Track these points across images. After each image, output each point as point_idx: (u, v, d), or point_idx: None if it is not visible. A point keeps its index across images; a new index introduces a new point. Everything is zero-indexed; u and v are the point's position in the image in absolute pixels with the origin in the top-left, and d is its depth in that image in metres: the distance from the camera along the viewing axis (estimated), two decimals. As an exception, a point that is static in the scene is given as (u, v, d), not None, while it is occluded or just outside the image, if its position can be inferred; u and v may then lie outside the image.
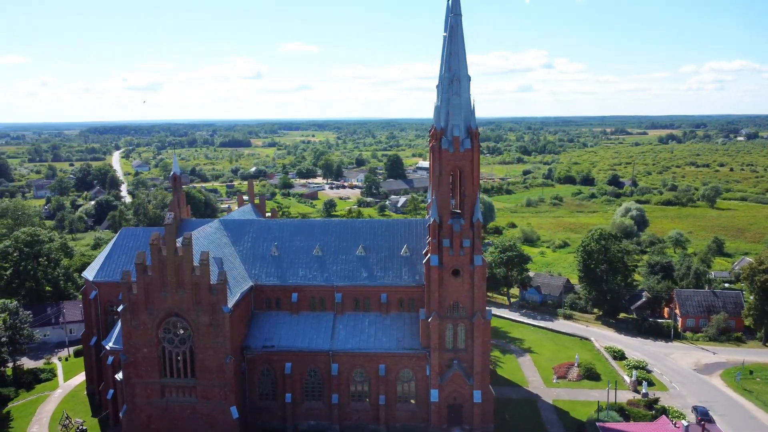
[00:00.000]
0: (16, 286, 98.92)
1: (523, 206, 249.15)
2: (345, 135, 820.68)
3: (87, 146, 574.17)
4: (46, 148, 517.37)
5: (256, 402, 67.21)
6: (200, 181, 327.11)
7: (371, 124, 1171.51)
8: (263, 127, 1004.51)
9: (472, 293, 63.38)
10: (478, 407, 64.21)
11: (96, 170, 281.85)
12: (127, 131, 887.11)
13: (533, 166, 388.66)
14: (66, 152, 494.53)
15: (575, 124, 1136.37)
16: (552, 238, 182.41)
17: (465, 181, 62.76)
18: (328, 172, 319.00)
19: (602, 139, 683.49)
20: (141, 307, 60.80)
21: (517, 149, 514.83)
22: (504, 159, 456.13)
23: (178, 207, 74.94)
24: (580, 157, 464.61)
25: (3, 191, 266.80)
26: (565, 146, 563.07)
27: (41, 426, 68.44)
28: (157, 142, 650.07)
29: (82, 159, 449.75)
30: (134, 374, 62.08)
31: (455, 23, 62.08)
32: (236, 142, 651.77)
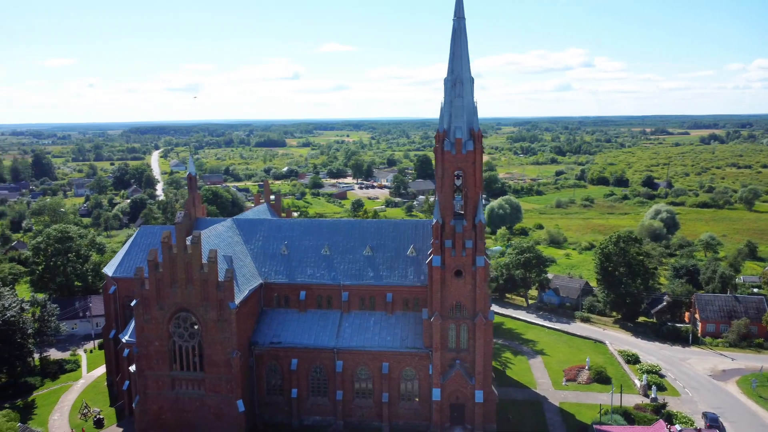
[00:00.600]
0: (47, 281, 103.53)
1: (552, 207, 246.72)
2: (379, 135, 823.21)
3: (128, 146, 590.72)
4: (89, 147, 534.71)
5: (263, 396, 69.12)
6: (234, 181, 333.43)
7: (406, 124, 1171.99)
8: (299, 127, 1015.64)
9: (474, 294, 63.94)
10: (480, 407, 64.69)
11: (133, 170, 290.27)
12: (167, 131, 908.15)
13: (566, 167, 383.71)
14: (107, 152, 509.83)
15: (614, 123, 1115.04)
16: (579, 240, 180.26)
17: (467, 182, 63.34)
18: (357, 172, 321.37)
19: (641, 140, 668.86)
20: (152, 302, 63.34)
21: (551, 150, 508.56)
22: (537, 159, 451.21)
23: (193, 206, 77.42)
24: (617, 157, 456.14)
25: (45, 189, 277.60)
26: (602, 147, 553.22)
27: (62, 414, 71.78)
28: (195, 142, 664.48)
29: (122, 158, 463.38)
30: (146, 366, 64.69)
31: (458, 26, 62.69)
32: (271, 142, 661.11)
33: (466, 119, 63.09)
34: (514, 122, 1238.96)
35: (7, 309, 74.89)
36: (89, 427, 68.35)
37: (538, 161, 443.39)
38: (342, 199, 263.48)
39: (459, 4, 62.66)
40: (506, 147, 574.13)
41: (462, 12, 62.87)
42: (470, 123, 63.29)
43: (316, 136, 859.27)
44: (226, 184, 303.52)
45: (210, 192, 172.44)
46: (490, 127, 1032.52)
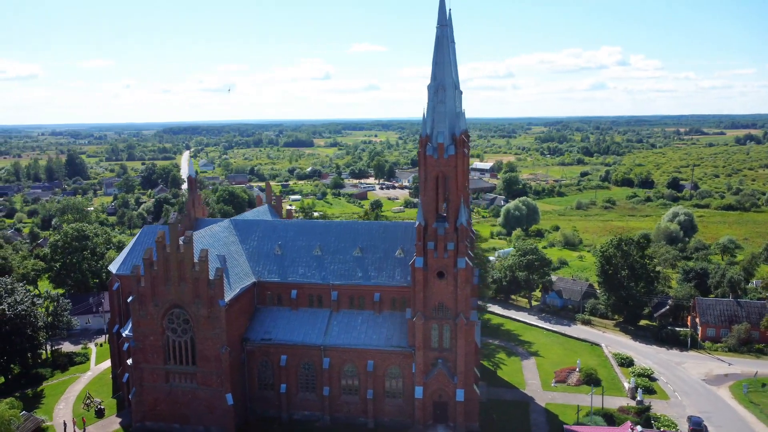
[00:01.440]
0: (64, 277, 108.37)
1: (572, 209, 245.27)
2: (407, 135, 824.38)
3: (159, 146, 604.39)
4: (123, 147, 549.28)
5: (255, 391, 71.75)
6: (258, 180, 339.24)
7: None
8: (328, 127, 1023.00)
9: (456, 295, 65.41)
10: (461, 405, 66.13)
11: (160, 169, 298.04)
12: (199, 131, 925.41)
13: (592, 168, 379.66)
14: (140, 152, 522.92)
15: (649, 123, 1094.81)
16: (594, 242, 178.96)
17: (449, 186, 64.82)
18: (380, 172, 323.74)
19: (674, 140, 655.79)
20: (148, 298, 66.55)
21: (578, 150, 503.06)
22: (564, 160, 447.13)
23: (192, 207, 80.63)
24: (646, 158, 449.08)
25: (76, 189, 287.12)
26: (631, 147, 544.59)
27: (67, 403, 75.71)
28: (225, 142, 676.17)
29: (153, 158, 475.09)
30: (142, 360, 67.99)
31: (441, 34, 64.27)
32: (299, 142, 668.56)
33: (448, 124, 64.60)
34: (546, 122, 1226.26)
35: (18, 303, 79.14)
36: (90, 416, 72.01)
37: (564, 162, 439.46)
38: (362, 200, 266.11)
39: (442, 13, 64.24)
40: (534, 147, 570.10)
41: (445, 20, 64.47)
42: (452, 128, 64.79)
43: (344, 136, 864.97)
44: (251, 184, 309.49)
45: (227, 192, 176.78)
46: (519, 127, 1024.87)
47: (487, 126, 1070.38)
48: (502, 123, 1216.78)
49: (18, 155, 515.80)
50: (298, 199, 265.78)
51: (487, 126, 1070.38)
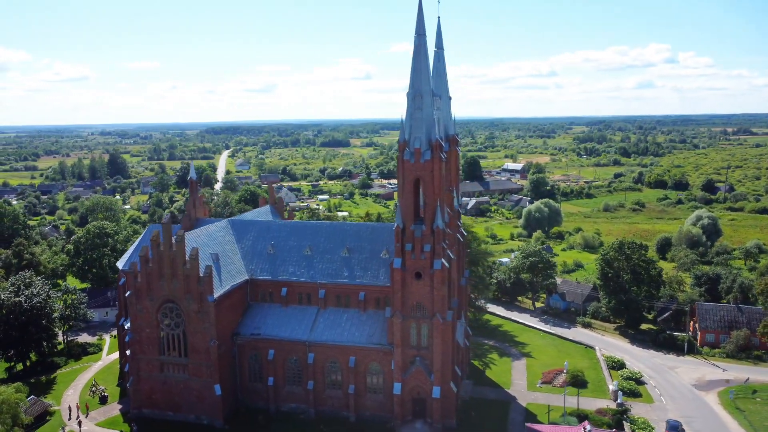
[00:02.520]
0: (86, 271, 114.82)
1: (599, 211, 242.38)
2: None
3: (200, 146, 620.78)
4: (164, 147, 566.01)
5: (246, 383, 75.45)
6: (290, 180, 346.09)
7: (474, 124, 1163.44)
8: (366, 127, 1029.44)
9: (432, 295, 67.56)
10: (438, 402, 68.26)
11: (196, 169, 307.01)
12: (240, 131, 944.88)
13: (627, 169, 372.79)
14: (180, 151, 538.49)
15: (696, 123, 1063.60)
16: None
17: (426, 189, 66.94)
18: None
19: (720, 140, 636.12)
20: (144, 293, 71.04)
21: (616, 151, 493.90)
22: (599, 161, 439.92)
23: (193, 208, 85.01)
24: (686, 159, 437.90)
25: (115, 187, 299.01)
26: (672, 148, 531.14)
27: (75, 390, 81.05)
28: (263, 141, 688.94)
29: (193, 158, 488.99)
30: (139, 351, 72.55)
31: (419, 43, 66.44)
32: (336, 142, 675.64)
33: (425, 130, 66.74)
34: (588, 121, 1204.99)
35: (35, 296, 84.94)
36: (94, 402, 77.09)
37: (600, 163, 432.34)
38: (388, 200, 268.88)
39: (420, 23, 66.39)
40: (571, 148, 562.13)
41: (423, 30, 66.59)
42: (429, 134, 66.89)
43: (381, 136, 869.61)
44: (281, 184, 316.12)
45: (248, 192, 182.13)
46: (560, 126, 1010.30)
47: (527, 126, 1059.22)
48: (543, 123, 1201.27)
49: (66, 154, 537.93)
50: (326, 199, 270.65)
51: (527, 126, 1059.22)
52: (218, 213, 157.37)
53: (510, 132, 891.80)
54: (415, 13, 66.58)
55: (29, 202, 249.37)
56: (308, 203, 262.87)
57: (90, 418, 73.76)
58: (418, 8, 66.14)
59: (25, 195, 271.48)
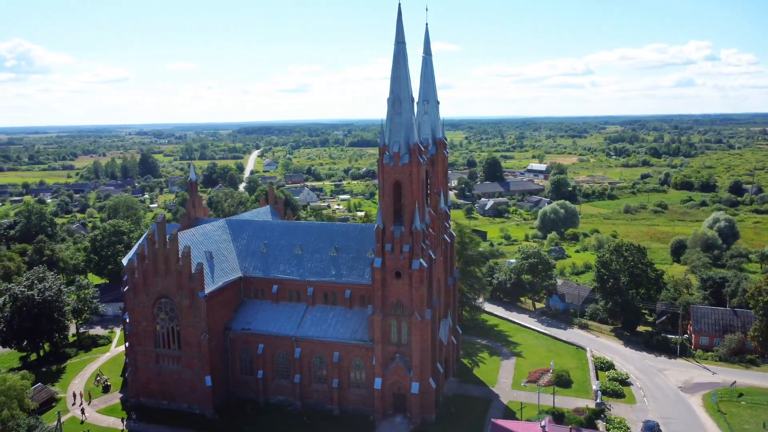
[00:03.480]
0: (102, 268, 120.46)
1: (620, 212, 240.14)
2: (474, 135, 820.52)
3: (231, 145, 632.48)
4: (196, 147, 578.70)
5: (237, 376, 79.03)
6: (314, 180, 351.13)
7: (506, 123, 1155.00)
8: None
9: (411, 294, 69.90)
10: (416, 398, 70.65)
11: (220, 169, 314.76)
12: (272, 131, 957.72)
13: (655, 170, 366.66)
14: (211, 151, 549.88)
15: (736, 122, 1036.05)
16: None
17: (404, 192, 69.31)
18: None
19: (758, 140, 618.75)
20: (140, 288, 75.22)
21: (646, 151, 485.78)
22: (628, 162, 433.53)
23: (193, 207, 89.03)
24: (719, 160, 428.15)
25: (144, 186, 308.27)
26: (705, 148, 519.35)
27: (82, 379, 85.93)
28: (292, 141, 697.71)
29: (224, 157, 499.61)
30: (136, 343, 76.80)
31: (398, 51, 68.86)
32: (365, 142, 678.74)
33: (403, 135, 69.13)
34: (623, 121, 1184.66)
35: (47, 289, 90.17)
36: (97, 391, 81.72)
37: (628, 163, 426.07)
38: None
39: (399, 31, 68.73)
40: (601, 148, 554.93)
41: (402, 38, 68.94)
42: (407, 138, 69.25)
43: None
44: (305, 184, 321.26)
45: (263, 192, 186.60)
46: (593, 126, 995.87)
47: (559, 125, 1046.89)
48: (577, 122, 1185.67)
49: (103, 154, 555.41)
50: (347, 199, 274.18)
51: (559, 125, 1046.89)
52: (232, 212, 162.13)
53: (541, 132, 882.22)
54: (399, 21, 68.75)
55: (62, 201, 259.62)
56: (329, 203, 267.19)
57: (92, 405, 78.33)
58: (398, 18, 68.53)
59: (59, 193, 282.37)
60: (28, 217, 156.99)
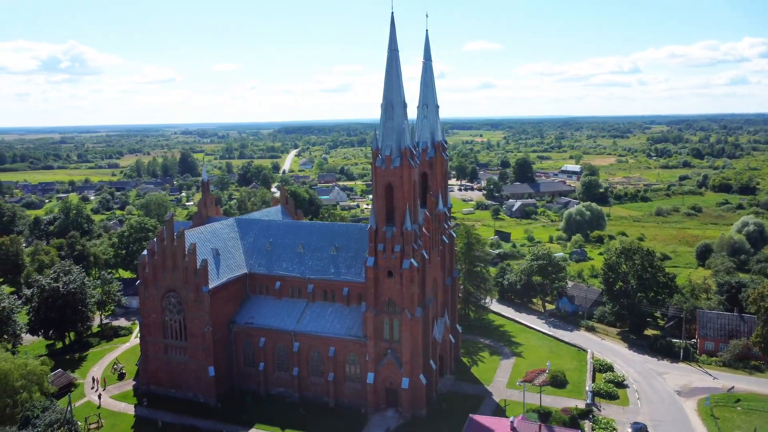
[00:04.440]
0: (129, 262, 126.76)
1: (651, 215, 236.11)
2: (513, 135, 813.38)
3: (270, 144, 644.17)
4: (236, 146, 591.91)
5: (241, 367, 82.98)
6: (346, 180, 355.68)
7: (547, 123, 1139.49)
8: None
9: (402, 292, 72.35)
10: (406, 392, 73.12)
11: (255, 168, 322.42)
12: (311, 131, 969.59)
13: (694, 172, 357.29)
14: (250, 151, 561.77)
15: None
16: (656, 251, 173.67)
17: (396, 194, 71.78)
18: (461, 173, 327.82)
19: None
20: (150, 282, 79.92)
21: (689, 152, 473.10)
22: (667, 163, 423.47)
23: (204, 207, 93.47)
24: (766, 161, 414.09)
25: (181, 185, 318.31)
26: (751, 149, 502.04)
27: (100, 367, 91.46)
28: (330, 141, 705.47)
29: (261, 157, 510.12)
30: (147, 334, 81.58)
31: (391, 58, 71.33)
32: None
33: (395, 139, 71.59)
34: (671, 120, 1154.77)
35: (71, 282, 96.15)
36: (113, 378, 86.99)
37: (668, 165, 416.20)
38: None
39: (392, 39, 71.17)
40: (642, 149, 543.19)
41: (395, 46, 71.39)
42: (399, 142, 71.66)
43: (449, 135, 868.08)
44: (336, 183, 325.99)
45: (289, 192, 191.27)
46: (637, 126, 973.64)
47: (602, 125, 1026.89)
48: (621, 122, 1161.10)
49: (147, 153, 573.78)
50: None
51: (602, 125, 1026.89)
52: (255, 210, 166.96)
53: (582, 132, 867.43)
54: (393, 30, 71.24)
55: (103, 198, 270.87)
56: (359, 202, 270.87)
57: (107, 391, 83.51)
58: (390, 27, 70.97)
59: (102, 191, 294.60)
60: (67, 213, 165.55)
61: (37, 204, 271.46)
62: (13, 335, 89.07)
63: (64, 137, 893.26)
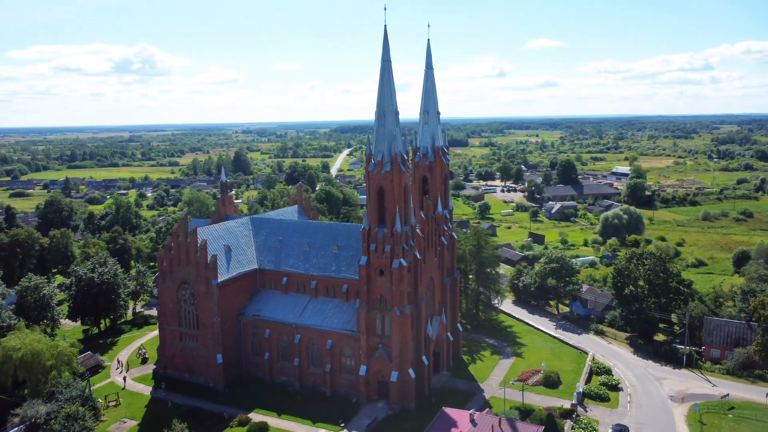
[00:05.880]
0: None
1: (697, 220, 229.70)
2: (570, 135, 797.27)
3: (324, 144, 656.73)
4: (290, 145, 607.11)
5: (249, 356, 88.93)
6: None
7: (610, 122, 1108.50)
8: (491, 125, 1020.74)
9: (392, 290, 76.26)
10: (395, 386, 77.03)
11: (301, 168, 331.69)
12: (367, 130, 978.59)
13: (754, 175, 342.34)
14: (303, 150, 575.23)
15: None
16: (686, 257, 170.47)
17: (387, 197, 75.69)
18: (505, 174, 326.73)
19: None
20: (167, 275, 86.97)
21: (753, 154, 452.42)
22: (729, 165, 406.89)
23: (223, 206, 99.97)
24: None
25: (233, 183, 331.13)
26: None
27: (127, 352, 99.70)
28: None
29: (314, 156, 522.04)
30: (165, 322, 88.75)
31: (384, 68, 75.30)
32: (454, 142, 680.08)
33: (386, 145, 75.53)
34: (743, 120, 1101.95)
35: (105, 273, 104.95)
36: (136, 362, 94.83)
37: (729, 167, 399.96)
38: (477, 201, 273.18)
39: (385, 51, 75.10)
40: (704, 150, 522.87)
41: (388, 56, 75.29)
42: (390, 148, 75.52)
43: (505, 135, 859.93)
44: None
45: (323, 191, 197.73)
46: (704, 126, 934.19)
47: (668, 125, 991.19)
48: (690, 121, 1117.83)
49: (207, 151, 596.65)
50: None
51: (668, 125, 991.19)
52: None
53: (644, 132, 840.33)
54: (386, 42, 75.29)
55: (158, 195, 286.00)
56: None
57: (129, 374, 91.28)
58: (384, 39, 74.91)
59: (158, 188, 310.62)
60: (117, 209, 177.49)
61: (99, 200, 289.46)
62: (51, 320, 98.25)
63: (132, 136, 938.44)
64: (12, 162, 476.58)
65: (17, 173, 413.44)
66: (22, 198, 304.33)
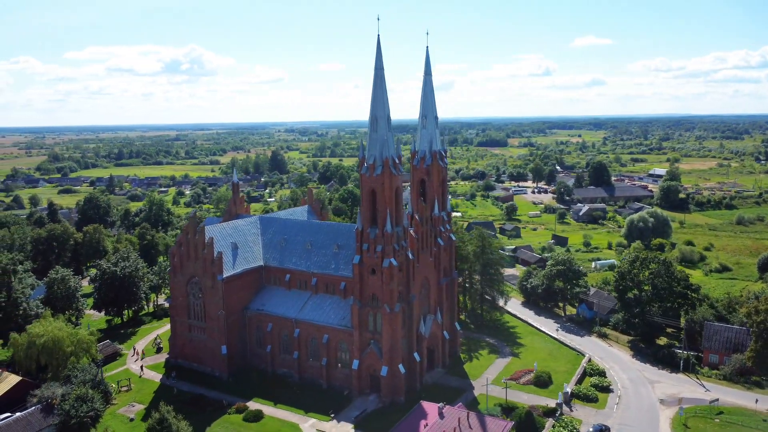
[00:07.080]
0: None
1: (731, 224, 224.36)
2: (614, 135, 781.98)
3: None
4: (329, 145, 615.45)
5: (253, 348, 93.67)
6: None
7: (658, 122, 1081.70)
8: (533, 125, 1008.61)
9: (382, 288, 79.55)
10: (385, 380, 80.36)
11: (333, 167, 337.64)
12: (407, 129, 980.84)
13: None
14: (341, 149, 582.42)
15: None
16: (711, 262, 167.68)
17: (378, 199, 79.02)
18: (537, 175, 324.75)
19: None
20: (178, 270, 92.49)
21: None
22: (765, 168, 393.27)
23: (234, 205, 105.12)
24: None
25: (267, 181, 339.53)
26: None
27: (145, 341, 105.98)
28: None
29: (351, 155, 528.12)
30: (176, 314, 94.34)
31: (377, 75, 78.57)
32: (493, 142, 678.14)
33: (378, 149, 78.85)
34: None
35: (128, 267, 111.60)
36: (151, 351, 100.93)
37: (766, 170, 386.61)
38: (505, 202, 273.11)
39: (378, 58, 78.36)
40: (751, 152, 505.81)
41: (381, 64, 78.53)
42: (382, 152, 78.83)
43: (546, 135, 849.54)
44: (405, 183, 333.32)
45: (346, 191, 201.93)
46: (758, 126, 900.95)
47: (718, 125, 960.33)
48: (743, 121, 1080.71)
49: (248, 150, 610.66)
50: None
51: (718, 125, 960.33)
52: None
53: (692, 132, 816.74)
54: (378, 50, 78.53)
55: (196, 193, 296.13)
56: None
57: (144, 362, 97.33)
58: (377, 47, 78.21)
59: (196, 186, 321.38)
60: (150, 207, 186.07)
61: (140, 197, 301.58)
62: (76, 310, 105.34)
63: (179, 134, 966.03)
64: (63, 159, 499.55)
65: (67, 170, 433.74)
66: (69, 194, 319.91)
